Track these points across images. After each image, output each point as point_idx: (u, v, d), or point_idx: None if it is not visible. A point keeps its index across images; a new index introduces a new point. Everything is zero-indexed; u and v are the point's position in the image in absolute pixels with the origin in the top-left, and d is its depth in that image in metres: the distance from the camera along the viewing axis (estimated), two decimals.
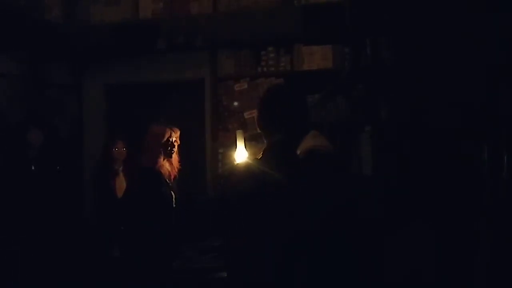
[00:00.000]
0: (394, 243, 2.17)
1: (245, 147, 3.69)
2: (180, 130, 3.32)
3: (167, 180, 3.22)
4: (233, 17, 4.16)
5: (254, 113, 4.23)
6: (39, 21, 4.10)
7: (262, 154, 1.85)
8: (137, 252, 3.08)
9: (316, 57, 4.11)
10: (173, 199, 3.22)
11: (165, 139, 3.19)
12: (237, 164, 2.90)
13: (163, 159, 3.22)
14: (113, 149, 3.87)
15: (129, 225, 3.20)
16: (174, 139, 3.24)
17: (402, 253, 2.15)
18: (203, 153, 4.44)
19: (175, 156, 3.30)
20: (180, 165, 3.32)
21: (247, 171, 1.85)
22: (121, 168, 3.88)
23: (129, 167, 3.81)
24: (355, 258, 1.91)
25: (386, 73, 2.25)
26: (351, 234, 1.80)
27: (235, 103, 4.33)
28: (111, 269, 3.54)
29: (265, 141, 1.88)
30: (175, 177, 3.31)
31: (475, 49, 1.95)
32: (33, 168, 3.76)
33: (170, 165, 3.27)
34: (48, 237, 3.63)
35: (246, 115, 4.25)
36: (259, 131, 1.92)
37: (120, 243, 3.47)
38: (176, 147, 3.26)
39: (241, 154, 3.64)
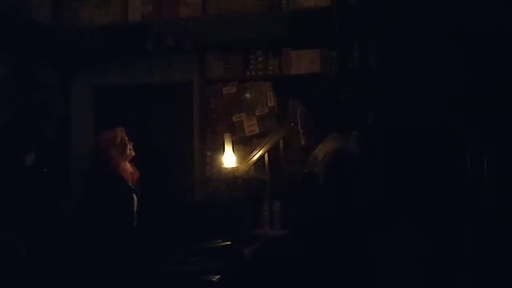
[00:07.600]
0: (383, 244, 2.19)
1: (233, 150, 3.71)
2: (125, 128, 3.19)
3: (130, 184, 3.16)
4: (222, 20, 4.17)
5: (242, 116, 4.24)
6: (27, 22, 4.08)
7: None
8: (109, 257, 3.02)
9: (304, 61, 4.13)
10: (135, 202, 3.16)
11: (118, 141, 3.13)
12: None
13: (123, 162, 3.15)
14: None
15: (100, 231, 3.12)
16: (126, 138, 3.15)
17: (391, 254, 2.17)
18: (191, 156, 4.43)
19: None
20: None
21: None
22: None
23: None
24: (344, 260, 1.93)
25: (373, 76, 2.27)
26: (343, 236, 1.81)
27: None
28: (98, 272, 3.51)
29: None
30: (137, 179, 3.24)
31: (459, 55, 1.98)
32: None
33: (132, 167, 3.21)
34: (33, 239, 3.59)
35: (235, 118, 4.26)
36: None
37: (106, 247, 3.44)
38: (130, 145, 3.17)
39: (229, 157, 3.65)
